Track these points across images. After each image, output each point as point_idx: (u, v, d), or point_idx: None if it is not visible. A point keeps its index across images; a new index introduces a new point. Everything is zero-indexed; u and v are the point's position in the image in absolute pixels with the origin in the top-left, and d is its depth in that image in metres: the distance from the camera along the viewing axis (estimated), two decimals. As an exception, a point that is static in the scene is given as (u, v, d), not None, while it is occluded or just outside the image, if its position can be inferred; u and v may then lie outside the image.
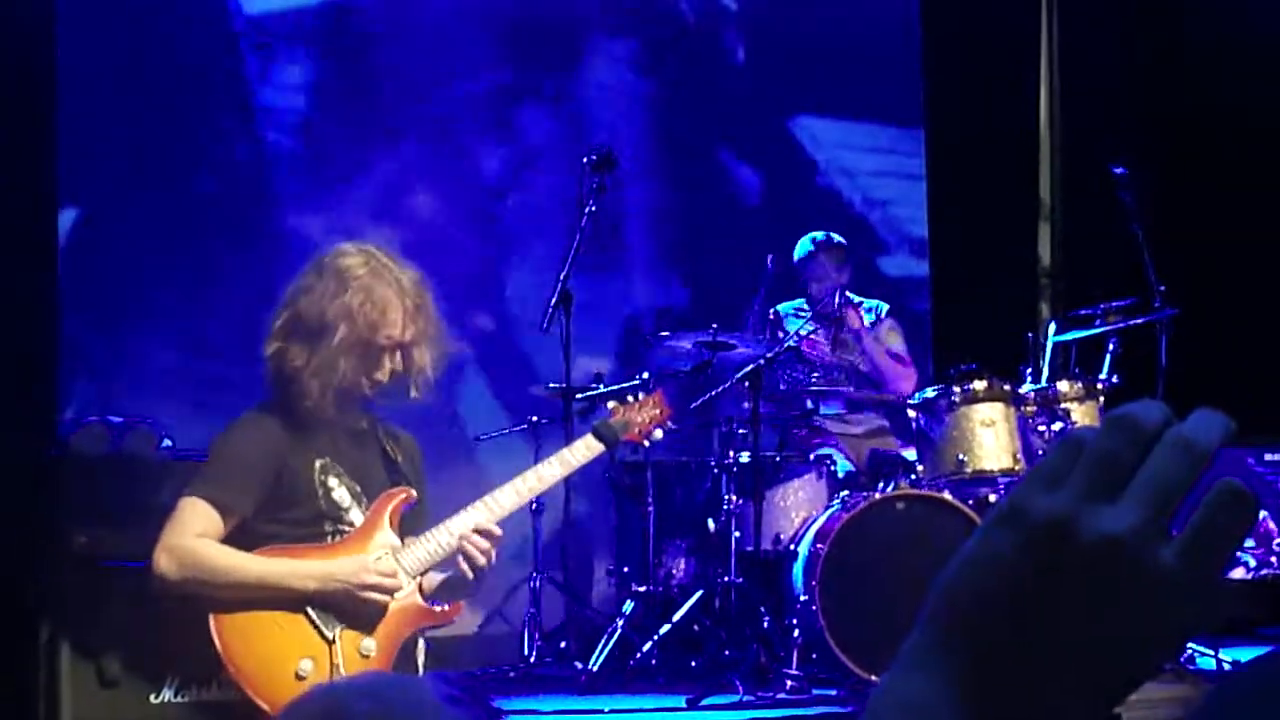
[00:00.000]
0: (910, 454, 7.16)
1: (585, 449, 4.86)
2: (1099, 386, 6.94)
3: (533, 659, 7.06)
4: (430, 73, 8.86)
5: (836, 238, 8.05)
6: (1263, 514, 7.32)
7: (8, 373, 6.53)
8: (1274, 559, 7.45)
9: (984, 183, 9.72)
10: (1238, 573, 7.40)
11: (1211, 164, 9.16)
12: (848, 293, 8.05)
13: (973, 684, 0.91)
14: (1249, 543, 7.23)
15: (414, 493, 4.63)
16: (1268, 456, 7.98)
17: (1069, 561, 0.89)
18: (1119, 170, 7.49)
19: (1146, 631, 0.90)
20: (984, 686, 0.91)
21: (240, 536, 4.44)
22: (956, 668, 0.92)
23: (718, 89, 9.65)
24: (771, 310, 8.15)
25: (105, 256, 7.96)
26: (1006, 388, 6.84)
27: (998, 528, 0.93)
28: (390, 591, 4.44)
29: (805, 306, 8.04)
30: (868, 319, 8.02)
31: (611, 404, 5.09)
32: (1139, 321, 7.26)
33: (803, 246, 8.05)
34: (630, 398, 5.11)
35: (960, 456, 6.70)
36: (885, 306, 8.13)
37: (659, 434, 5.13)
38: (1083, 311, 7.41)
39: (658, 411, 5.09)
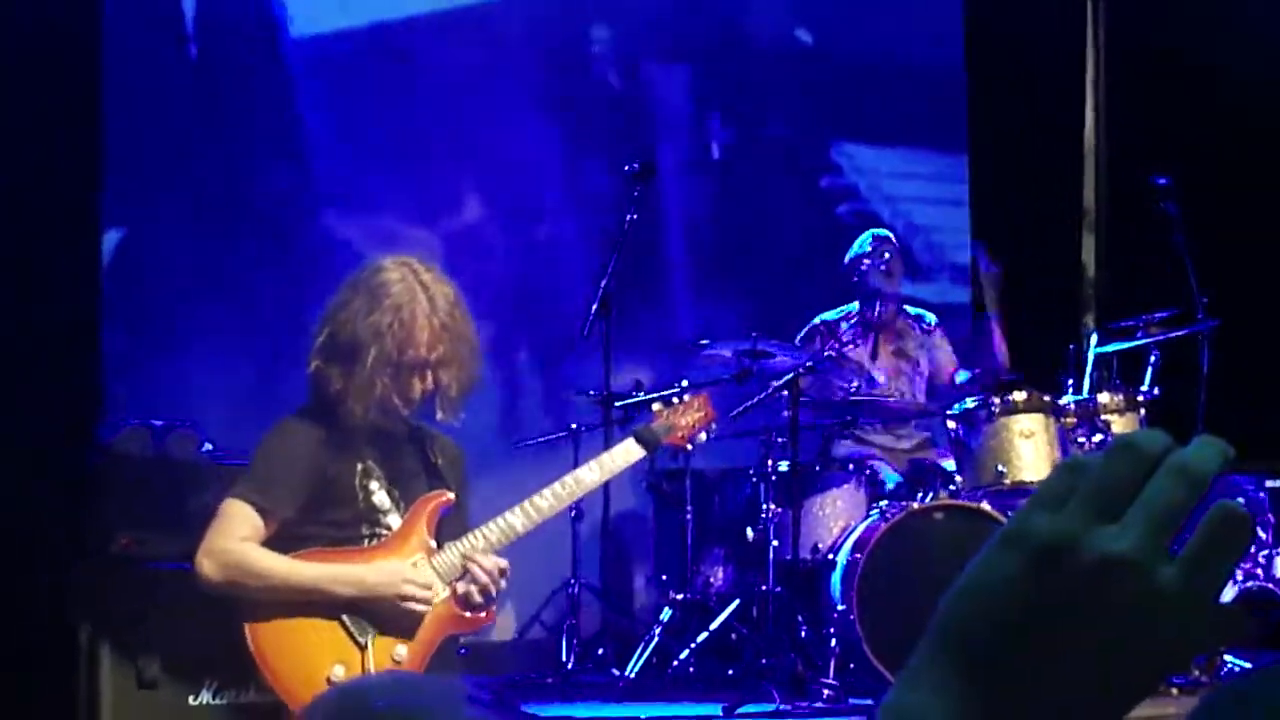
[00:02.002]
0: (949, 464, 7.13)
1: (625, 454, 4.85)
2: (1140, 398, 6.91)
3: (570, 666, 7.05)
4: (469, 77, 8.88)
5: (890, 236, 7.98)
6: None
7: (51, 377, 6.57)
8: (1260, 571, 7.44)
9: (1027, 193, 9.68)
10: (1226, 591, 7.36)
11: (1257, 175, 9.11)
12: (904, 305, 8.02)
13: (974, 701, 0.92)
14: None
15: (452, 496, 4.64)
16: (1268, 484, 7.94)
17: (1072, 581, 0.91)
18: (1162, 181, 7.47)
19: (1146, 650, 0.92)
20: (985, 704, 0.92)
21: (280, 537, 4.47)
22: (959, 685, 0.93)
23: (766, 113, 9.67)
24: (820, 321, 8.05)
25: (147, 266, 8.00)
26: (1046, 399, 6.82)
27: (1001, 548, 0.94)
28: (426, 602, 4.46)
29: (853, 313, 7.96)
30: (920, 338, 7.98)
31: (656, 406, 5.08)
32: (1181, 333, 7.23)
33: (859, 245, 7.96)
34: (675, 400, 5.09)
35: (999, 467, 6.68)
36: (934, 319, 8.09)
37: (703, 437, 5.11)
38: (1125, 323, 7.38)
39: (702, 414, 5.08)
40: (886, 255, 7.83)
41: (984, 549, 0.95)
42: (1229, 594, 7.36)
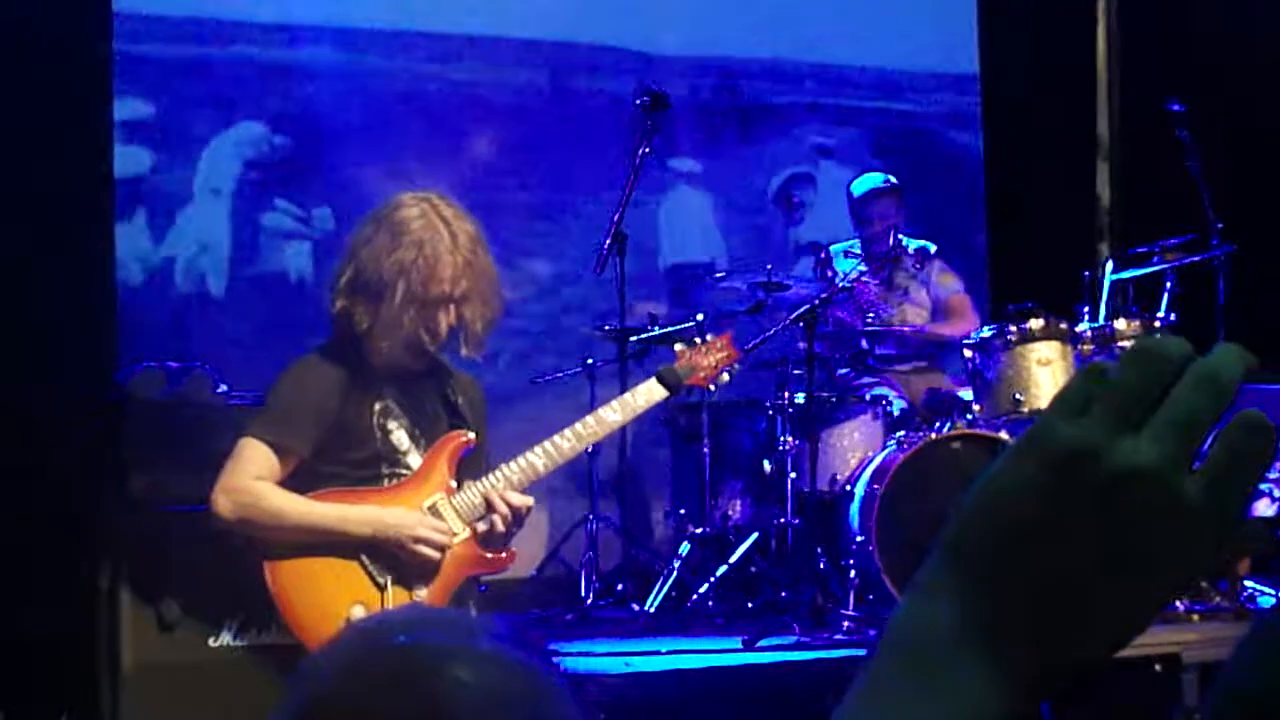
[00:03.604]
0: (965, 393, 7.12)
1: (648, 394, 4.83)
2: (1156, 324, 6.88)
3: (589, 601, 7.07)
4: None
5: (894, 180, 7.97)
6: None
7: (66, 321, 6.58)
8: None
9: (1041, 122, 9.64)
10: (1262, 504, 7.37)
11: (1271, 101, 9.05)
12: (899, 235, 7.99)
13: (984, 611, 0.91)
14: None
15: (473, 436, 4.62)
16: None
17: (1093, 491, 0.89)
18: (1176, 107, 7.42)
19: (1165, 563, 0.90)
20: (995, 613, 0.91)
21: (299, 477, 4.46)
22: (968, 594, 0.92)
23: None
24: (822, 250, 8.11)
25: (159, 213, 8.03)
26: (1063, 326, 6.79)
27: (1019, 456, 0.93)
28: (442, 547, 4.45)
29: (857, 247, 7.97)
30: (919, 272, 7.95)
31: (678, 347, 5.06)
32: (1196, 259, 7.21)
33: (862, 184, 7.96)
34: (697, 339, 5.07)
35: (1017, 395, 6.67)
36: (933, 247, 8.05)
37: (725, 378, 5.09)
38: (1140, 249, 7.35)
39: (725, 354, 5.05)
40: (883, 202, 7.84)
41: (1000, 457, 0.94)
42: (1270, 510, 7.35)
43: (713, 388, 5.15)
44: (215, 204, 8.20)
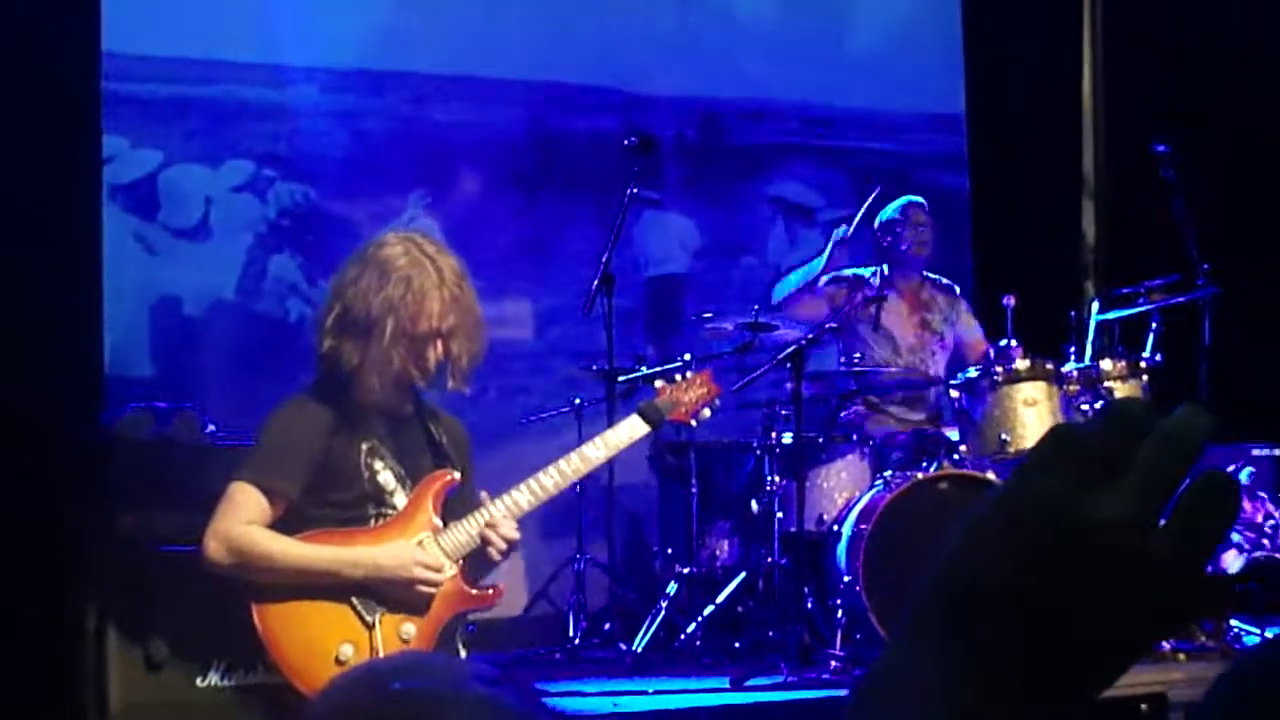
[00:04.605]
0: (953, 433, 7.13)
1: (630, 430, 4.86)
2: (1142, 365, 6.90)
3: (577, 641, 7.07)
4: (469, 45, 8.89)
5: (925, 203, 7.93)
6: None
7: (54, 360, 6.57)
8: (1266, 541, 7.47)
9: (1026, 161, 9.68)
10: (1229, 556, 7.42)
11: (1257, 141, 9.10)
12: (929, 274, 7.99)
13: (964, 664, 0.94)
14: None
15: (458, 475, 4.65)
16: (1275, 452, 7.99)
17: (1066, 546, 0.92)
18: (1161, 148, 7.46)
19: (1134, 616, 0.93)
20: (974, 667, 0.93)
21: (286, 518, 4.47)
22: (949, 648, 0.94)
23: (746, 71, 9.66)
24: (852, 273, 7.90)
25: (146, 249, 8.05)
26: (1049, 366, 6.82)
27: (993, 512, 0.95)
28: (434, 585, 4.47)
29: (878, 274, 7.87)
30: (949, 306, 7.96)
31: (659, 384, 5.09)
32: (1182, 300, 7.23)
33: (892, 210, 7.92)
34: (678, 377, 5.11)
35: (1003, 436, 6.68)
36: (959, 288, 8.05)
37: (707, 413, 5.12)
38: (1126, 290, 7.38)
39: (705, 390, 5.09)
40: (921, 222, 7.80)
41: (973, 514, 0.96)
42: (1237, 563, 7.40)
43: (694, 423, 5.18)
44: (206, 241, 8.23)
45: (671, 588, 7.14)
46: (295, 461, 4.49)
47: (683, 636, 6.87)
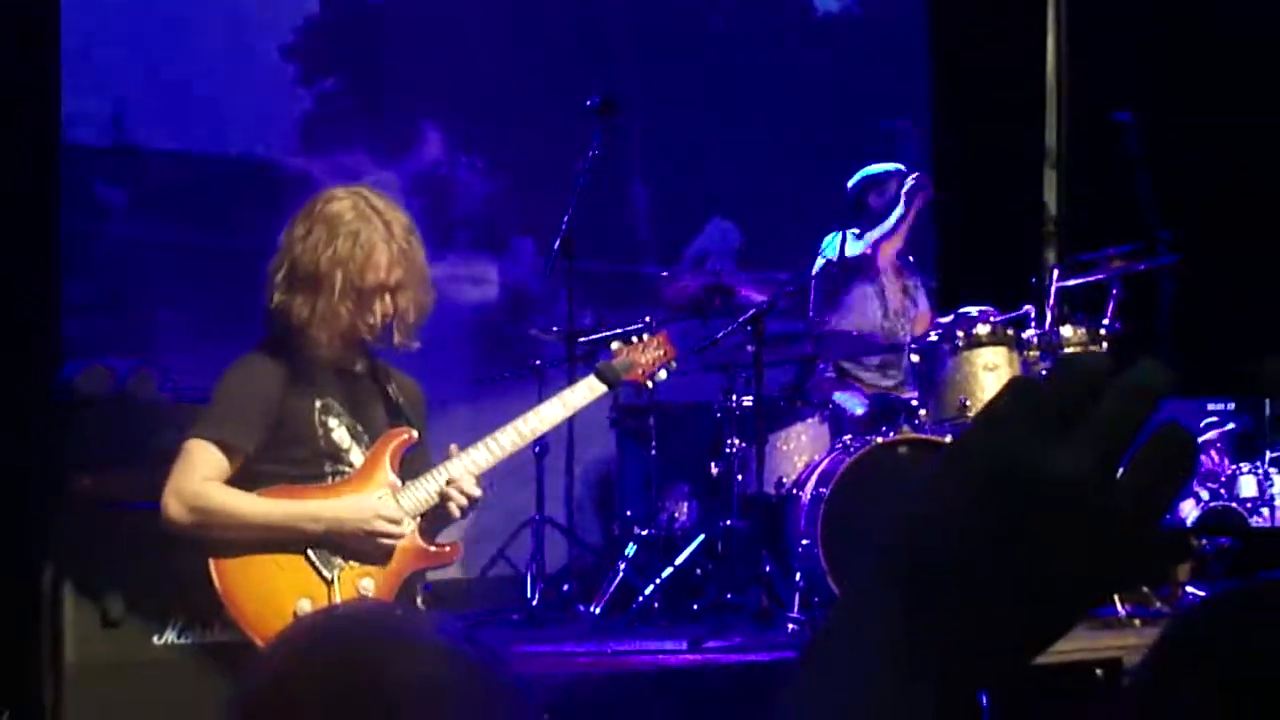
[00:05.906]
0: (914, 398, 7.14)
1: (587, 390, 4.85)
2: (1102, 331, 6.93)
3: (535, 602, 7.07)
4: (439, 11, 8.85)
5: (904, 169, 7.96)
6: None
7: (10, 318, 6.53)
8: (1223, 490, 7.60)
9: (990, 130, 9.68)
10: (1187, 505, 7.52)
11: (1218, 111, 9.12)
12: (909, 257, 8.03)
13: (900, 625, 0.92)
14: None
15: (415, 434, 4.63)
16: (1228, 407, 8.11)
17: (1021, 502, 0.91)
18: (1123, 117, 7.47)
19: (1090, 571, 0.92)
20: (911, 627, 0.92)
21: (241, 476, 4.45)
22: (888, 609, 0.93)
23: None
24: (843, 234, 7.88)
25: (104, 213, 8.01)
26: (1010, 332, 6.84)
27: (948, 469, 0.94)
28: (395, 537, 4.46)
29: (858, 232, 7.88)
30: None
31: (615, 345, 5.09)
32: (1141, 267, 7.26)
33: (880, 167, 7.92)
34: (634, 338, 5.10)
35: (963, 400, 6.70)
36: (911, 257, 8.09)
37: (663, 375, 5.12)
38: (1086, 257, 7.41)
39: (661, 352, 5.09)
40: (907, 185, 7.81)
41: (930, 471, 0.95)
42: (1193, 514, 7.46)
43: (650, 385, 5.17)
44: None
45: (630, 549, 7.15)
46: (250, 417, 4.46)
47: (641, 598, 6.87)
